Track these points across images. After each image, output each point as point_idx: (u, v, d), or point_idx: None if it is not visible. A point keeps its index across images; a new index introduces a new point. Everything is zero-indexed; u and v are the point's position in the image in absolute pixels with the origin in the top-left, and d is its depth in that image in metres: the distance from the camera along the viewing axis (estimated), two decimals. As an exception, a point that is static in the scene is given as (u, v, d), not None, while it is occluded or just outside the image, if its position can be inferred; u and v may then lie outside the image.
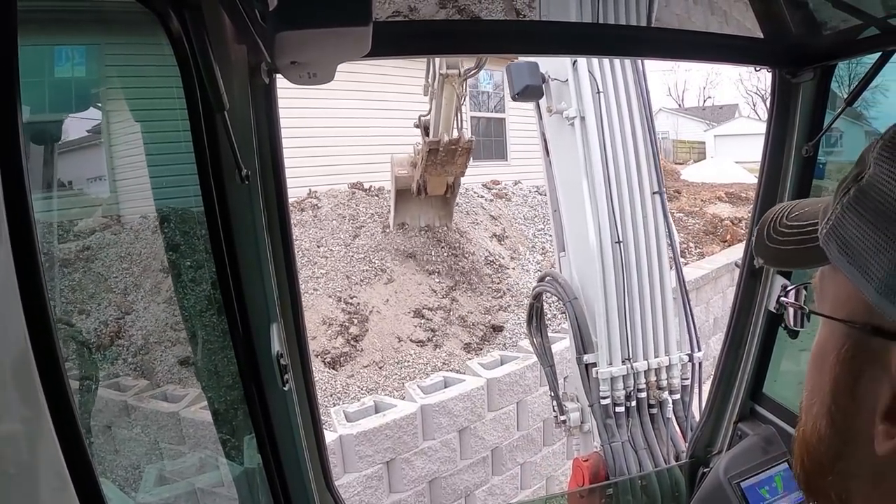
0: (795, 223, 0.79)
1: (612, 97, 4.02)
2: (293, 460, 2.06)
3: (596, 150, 3.94)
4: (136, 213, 3.01)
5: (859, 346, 0.65)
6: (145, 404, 3.07)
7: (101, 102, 2.23)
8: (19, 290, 0.64)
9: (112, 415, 2.53)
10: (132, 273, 3.45)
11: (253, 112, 1.77)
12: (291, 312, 2.06)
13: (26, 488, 0.67)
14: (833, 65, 2.38)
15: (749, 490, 2.48)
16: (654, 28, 3.42)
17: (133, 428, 2.86)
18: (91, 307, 3.01)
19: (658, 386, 4.04)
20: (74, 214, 2.37)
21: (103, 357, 2.93)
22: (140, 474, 2.53)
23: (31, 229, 0.67)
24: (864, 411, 0.64)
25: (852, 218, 0.64)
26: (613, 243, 3.91)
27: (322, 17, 1.35)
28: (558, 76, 4.16)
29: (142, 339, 3.76)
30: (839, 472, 0.69)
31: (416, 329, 9.01)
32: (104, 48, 1.94)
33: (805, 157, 2.49)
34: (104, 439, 2.19)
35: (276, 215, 1.93)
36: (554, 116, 4.23)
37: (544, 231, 11.95)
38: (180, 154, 1.70)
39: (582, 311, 4.09)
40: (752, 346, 2.79)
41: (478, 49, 2.61)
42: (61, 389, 0.70)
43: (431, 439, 6.25)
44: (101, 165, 2.55)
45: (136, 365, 3.52)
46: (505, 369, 6.99)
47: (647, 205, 4.04)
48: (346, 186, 12.01)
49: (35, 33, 1.51)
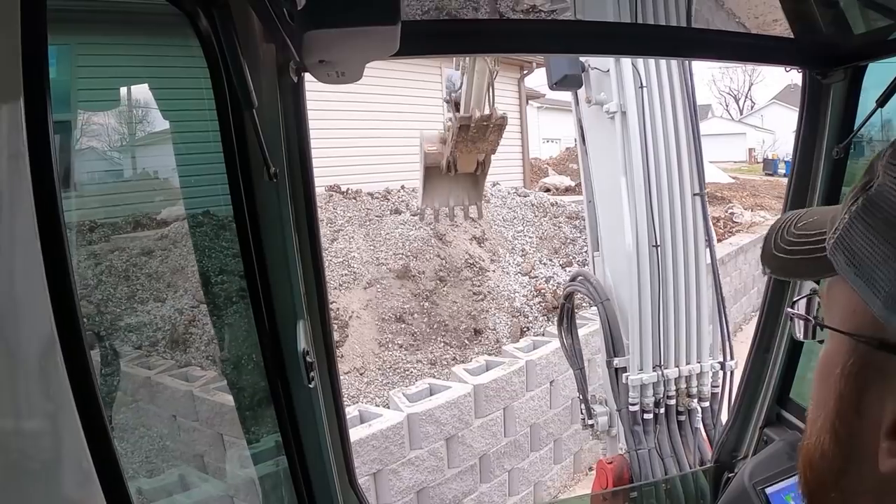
0: (803, 232, 0.77)
1: (655, 93, 3.87)
2: (318, 457, 2.07)
3: (637, 147, 3.82)
4: (165, 210, 3.05)
5: (865, 361, 0.63)
6: (172, 400, 3.11)
7: (131, 101, 2.26)
8: (48, 286, 0.65)
9: (139, 409, 2.57)
10: (162, 269, 3.49)
11: (281, 110, 1.78)
12: (318, 310, 2.06)
13: (52, 483, 0.68)
14: (864, 65, 2.34)
15: (774, 496, 2.44)
16: (688, 28, 3.39)
17: (160, 422, 2.90)
18: (120, 304, 3.06)
19: (688, 394, 3.97)
20: (104, 211, 2.40)
21: (130, 353, 2.97)
22: (165, 470, 2.56)
23: (59, 226, 0.68)
24: (869, 428, 0.63)
25: (860, 228, 0.62)
26: (651, 247, 3.81)
27: (350, 16, 1.36)
28: (599, 66, 4.00)
29: (171, 335, 3.81)
30: (842, 488, 0.68)
31: (397, 334, 8.90)
32: (134, 48, 1.96)
33: (835, 158, 2.45)
34: (130, 433, 2.22)
35: (303, 213, 1.94)
36: (593, 107, 4.09)
37: (524, 233, 11.85)
38: (209, 152, 1.71)
39: (614, 313, 4.02)
40: (779, 351, 2.75)
41: (507, 48, 2.59)
42: (88, 385, 0.71)
43: (419, 448, 6.13)
44: (131, 163, 2.59)
45: (164, 360, 3.56)
46: (491, 375, 6.89)
47: (688, 207, 3.93)
48: (322, 189, 11.70)
49: (65, 32, 1.53)
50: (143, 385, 2.86)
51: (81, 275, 2.16)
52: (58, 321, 0.66)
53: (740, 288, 13.11)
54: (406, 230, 10.83)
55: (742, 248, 13.17)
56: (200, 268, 2.63)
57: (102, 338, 2.08)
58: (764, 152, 47.14)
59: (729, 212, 17.06)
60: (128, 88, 2.23)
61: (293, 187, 1.88)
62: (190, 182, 2.24)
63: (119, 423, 1.95)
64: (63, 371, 0.67)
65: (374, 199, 11.89)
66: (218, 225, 2.16)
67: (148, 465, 2.49)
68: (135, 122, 2.36)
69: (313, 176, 1.95)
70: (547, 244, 11.77)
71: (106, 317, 2.52)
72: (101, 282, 2.65)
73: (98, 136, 2.22)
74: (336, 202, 11.44)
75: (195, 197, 2.26)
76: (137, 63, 2.02)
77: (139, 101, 2.30)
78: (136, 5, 1.77)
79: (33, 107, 0.64)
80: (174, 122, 2.20)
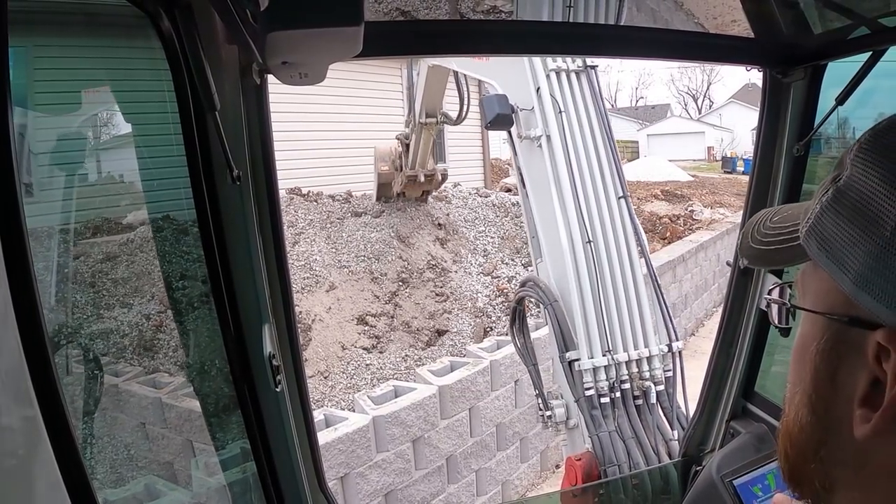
0: (778, 225, 0.83)
1: (573, 114, 4.44)
2: (286, 460, 2.06)
3: (562, 162, 4.29)
4: (126, 213, 3.00)
5: (838, 337, 0.69)
6: (136, 405, 3.06)
7: (92, 103, 2.22)
8: (11, 294, 0.64)
9: (104, 416, 2.52)
10: (125, 274, 3.44)
11: (244, 112, 1.77)
12: (283, 313, 2.05)
13: (19, 490, 0.67)
14: (824, 64, 2.39)
15: (742, 488, 2.48)
16: (648, 28, 3.42)
17: (125, 428, 2.85)
18: (82, 309, 3.00)
19: (640, 377, 4.17)
20: (65, 216, 2.35)
21: (95, 358, 2.91)
22: (133, 477, 2.52)
23: (21, 230, 0.67)
24: (844, 398, 0.68)
25: (830, 216, 0.68)
26: (584, 243, 4.17)
27: (313, 17, 1.35)
28: (525, 105, 4.57)
29: (134, 340, 3.75)
30: (821, 459, 0.72)
31: (360, 336, 8.84)
32: (95, 49, 1.93)
33: (796, 156, 2.50)
34: (96, 440, 2.18)
35: (267, 215, 1.93)
36: (525, 142, 4.58)
37: (485, 233, 11.89)
38: (172, 155, 1.69)
39: (562, 312, 4.25)
40: (743, 345, 2.79)
41: (464, 49, 2.62)
42: (52, 391, 0.70)
43: (385, 451, 6.11)
44: (92, 166, 2.54)
45: (127, 364, 3.50)
46: (455, 375, 6.90)
47: (614, 208, 4.36)
48: (283, 192, 11.54)
49: (24, 33, 1.51)
50: (108, 392, 2.82)
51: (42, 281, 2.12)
52: (21, 327, 0.65)
53: (701, 284, 13.31)
54: (367, 232, 10.81)
55: (702, 245, 13.37)
56: (164, 272, 2.60)
57: (65, 344, 2.04)
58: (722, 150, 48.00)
59: (689, 209, 17.35)
60: (88, 90, 2.19)
61: (257, 190, 1.87)
62: (152, 185, 2.21)
63: (85, 430, 1.91)
64: (27, 378, 0.66)
65: (336, 202, 11.82)
66: (181, 228, 2.14)
67: (115, 472, 2.45)
68: (95, 124, 2.32)
69: (277, 178, 1.94)
70: (509, 244, 11.80)
71: (68, 323, 2.47)
72: (62, 288, 2.59)
73: (57, 139, 2.18)
74: (297, 205, 11.34)
75: (158, 201, 2.24)
76: (98, 64, 1.99)
77: (100, 103, 2.26)
78: (97, 6, 1.75)
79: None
80: (136, 125, 2.17)
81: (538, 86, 4.43)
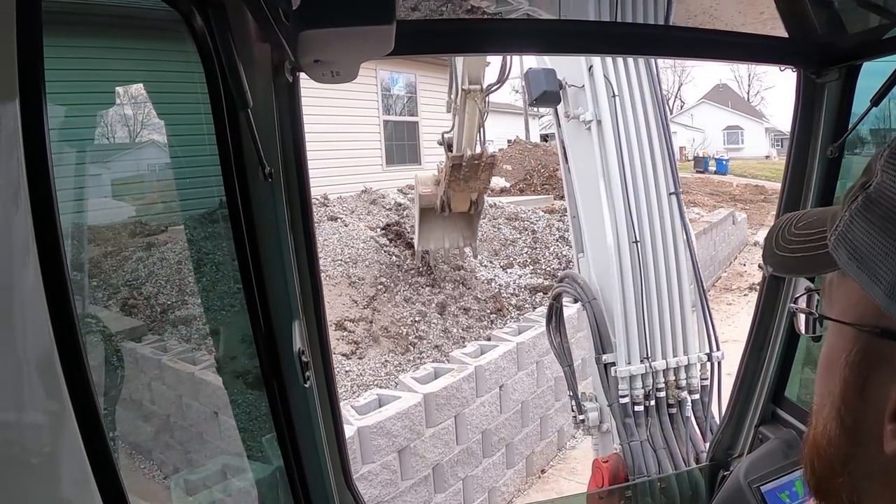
0: (803, 231, 0.80)
1: (627, 100, 4.09)
2: (313, 457, 2.07)
3: (612, 152, 4.01)
4: (160, 210, 3.04)
5: (869, 349, 0.67)
6: (167, 401, 3.10)
7: (126, 101, 2.26)
8: (44, 287, 0.65)
9: (135, 409, 2.56)
10: (159, 270, 3.49)
11: (276, 110, 1.78)
12: (313, 310, 2.06)
13: (48, 484, 0.68)
14: (859, 65, 2.34)
15: (769, 494, 2.45)
16: (680, 27, 3.39)
17: (155, 423, 2.89)
18: (117, 304, 3.05)
19: (677, 385, 4.04)
20: (100, 213, 2.39)
21: (126, 352, 2.96)
22: (162, 470, 2.56)
23: (55, 228, 0.68)
24: (874, 412, 0.66)
25: (861, 224, 0.66)
26: (631, 243, 3.94)
27: (345, 16, 1.36)
28: (575, 82, 4.23)
29: (167, 335, 3.80)
30: (850, 473, 0.71)
31: (339, 342, 8.60)
32: (129, 48, 1.96)
33: (830, 158, 2.46)
34: (127, 434, 2.22)
35: (298, 213, 1.94)
36: (572, 122, 4.30)
37: None
38: (205, 153, 1.71)
39: (601, 312, 4.11)
40: (774, 349, 2.75)
41: (499, 48, 2.59)
42: (84, 385, 0.71)
43: (371, 462, 5.91)
44: (127, 164, 2.58)
45: (159, 359, 3.55)
46: (440, 383, 6.68)
47: (664, 205, 4.09)
48: None
49: (60, 34, 1.53)
50: (139, 386, 2.86)
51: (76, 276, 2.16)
52: (54, 322, 0.66)
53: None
54: (344, 236, 10.68)
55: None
56: (196, 268, 2.63)
57: (99, 338, 2.08)
58: (694, 150, 48.02)
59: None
60: (123, 89, 2.22)
61: (288, 187, 1.88)
62: (185, 183, 2.24)
63: (115, 425, 1.94)
64: (59, 371, 0.67)
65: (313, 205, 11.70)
66: (214, 225, 2.16)
67: (144, 465, 2.49)
68: (130, 122, 2.36)
69: (309, 176, 1.95)
70: (487, 246, 11.65)
71: (101, 318, 2.51)
72: (97, 284, 2.64)
73: (93, 138, 2.21)
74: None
75: (191, 198, 2.26)
76: (133, 63, 2.02)
77: (135, 102, 2.29)
78: (131, 6, 1.77)
79: (29, 108, 0.64)
80: (169, 123, 2.20)
81: (591, 64, 4.09)
